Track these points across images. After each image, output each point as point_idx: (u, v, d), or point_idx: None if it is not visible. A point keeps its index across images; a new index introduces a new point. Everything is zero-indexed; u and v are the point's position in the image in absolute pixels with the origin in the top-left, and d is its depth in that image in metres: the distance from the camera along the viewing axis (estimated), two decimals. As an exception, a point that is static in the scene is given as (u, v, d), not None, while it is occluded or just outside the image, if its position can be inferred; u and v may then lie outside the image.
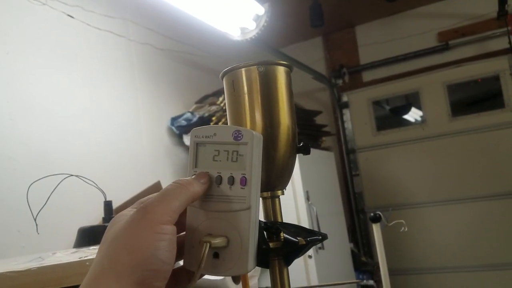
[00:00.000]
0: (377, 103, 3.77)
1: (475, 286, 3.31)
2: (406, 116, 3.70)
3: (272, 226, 0.54)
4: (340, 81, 3.81)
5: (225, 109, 2.38)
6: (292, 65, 0.56)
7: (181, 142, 2.60)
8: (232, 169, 0.48)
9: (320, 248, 2.53)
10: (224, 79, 0.56)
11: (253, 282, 1.34)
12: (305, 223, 2.47)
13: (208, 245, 0.46)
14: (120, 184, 2.11)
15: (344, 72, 3.77)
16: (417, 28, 3.54)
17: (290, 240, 0.52)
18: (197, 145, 0.51)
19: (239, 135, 0.49)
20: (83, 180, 1.16)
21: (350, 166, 3.73)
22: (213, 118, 2.40)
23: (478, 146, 3.33)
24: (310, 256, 2.44)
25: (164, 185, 2.29)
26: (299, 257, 0.56)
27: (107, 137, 2.14)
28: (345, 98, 3.81)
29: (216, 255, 0.48)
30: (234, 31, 2.08)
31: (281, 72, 0.54)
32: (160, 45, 2.58)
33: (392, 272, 3.64)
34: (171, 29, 2.65)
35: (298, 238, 0.53)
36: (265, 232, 0.53)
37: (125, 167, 2.21)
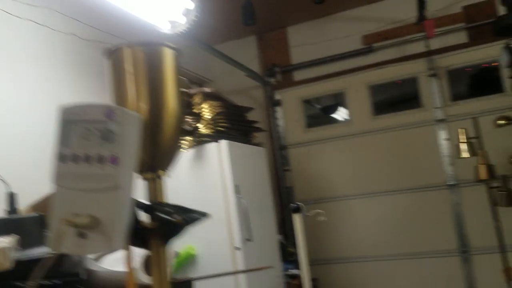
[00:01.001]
0: (307, 102, 3.92)
1: (394, 274, 3.55)
2: (333, 115, 3.89)
3: (149, 207, 0.55)
4: (272, 80, 3.91)
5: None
6: (181, 49, 0.59)
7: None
8: (103, 148, 0.47)
9: (248, 240, 2.60)
10: (109, 58, 0.55)
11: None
12: (234, 217, 2.53)
13: (69, 224, 0.46)
14: (41, 180, 2.04)
15: (277, 71, 3.88)
16: (344, 31, 3.73)
17: (165, 219, 0.53)
18: (66, 123, 0.49)
19: (112, 113, 0.47)
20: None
21: (281, 162, 3.84)
22: (142, 112, 2.39)
23: (397, 143, 3.58)
24: (238, 248, 2.50)
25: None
26: (178, 236, 0.57)
27: (28, 131, 2.07)
28: (277, 96, 3.93)
29: (83, 235, 0.47)
30: (163, 24, 2.09)
31: (168, 55, 0.57)
32: (86, 36, 2.52)
33: (317, 262, 3.80)
34: (98, 20, 2.59)
35: (175, 217, 0.54)
36: (140, 212, 0.54)
37: (46, 163, 2.14)
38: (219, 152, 2.53)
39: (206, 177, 2.53)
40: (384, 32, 3.63)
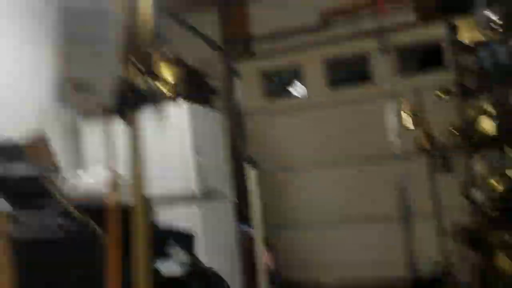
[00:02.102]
0: (266, 75, 4.06)
1: (344, 239, 3.78)
2: (290, 89, 4.06)
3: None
4: (232, 51, 4.01)
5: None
6: None
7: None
8: None
9: (205, 192, 2.71)
10: None
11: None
12: (191, 170, 2.64)
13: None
14: None
15: (237, 42, 3.99)
16: (303, 4, 3.86)
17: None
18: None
19: None
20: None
21: (239, 130, 3.97)
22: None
23: (349, 116, 3.78)
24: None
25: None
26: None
27: None
28: (237, 67, 4.03)
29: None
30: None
31: None
32: None
33: (271, 226, 3.89)
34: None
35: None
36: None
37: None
38: (180, 111, 2.64)
39: (168, 135, 2.61)
40: (340, 8, 3.80)
